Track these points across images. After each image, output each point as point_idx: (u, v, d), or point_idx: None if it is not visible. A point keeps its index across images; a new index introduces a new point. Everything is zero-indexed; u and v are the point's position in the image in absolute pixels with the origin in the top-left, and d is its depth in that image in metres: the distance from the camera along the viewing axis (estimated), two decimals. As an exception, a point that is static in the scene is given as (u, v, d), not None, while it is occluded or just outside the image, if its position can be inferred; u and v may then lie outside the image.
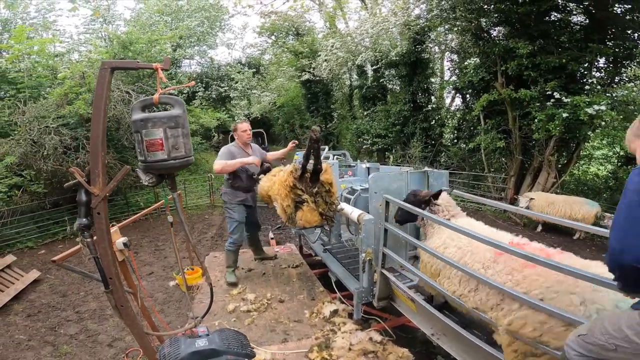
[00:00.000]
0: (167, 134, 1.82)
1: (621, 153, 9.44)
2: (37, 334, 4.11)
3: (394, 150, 13.83)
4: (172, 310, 4.41)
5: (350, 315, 3.33)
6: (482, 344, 2.11)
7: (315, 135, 2.46)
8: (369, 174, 4.86)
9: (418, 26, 11.17)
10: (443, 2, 9.65)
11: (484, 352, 2.09)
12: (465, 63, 10.08)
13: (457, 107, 13.68)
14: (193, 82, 2.49)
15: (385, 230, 2.76)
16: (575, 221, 2.85)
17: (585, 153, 9.77)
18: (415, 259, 3.55)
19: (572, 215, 6.84)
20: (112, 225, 2.19)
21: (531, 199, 7.44)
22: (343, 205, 3.23)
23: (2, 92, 8.46)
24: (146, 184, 2.01)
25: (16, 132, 7.42)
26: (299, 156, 5.47)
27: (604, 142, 9.78)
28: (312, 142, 2.50)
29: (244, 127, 4.17)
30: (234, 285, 4.10)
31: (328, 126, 18.06)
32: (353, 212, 3.03)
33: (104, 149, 1.87)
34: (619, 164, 9.56)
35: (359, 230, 2.88)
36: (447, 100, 14.96)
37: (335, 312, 3.35)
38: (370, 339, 2.89)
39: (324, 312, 3.37)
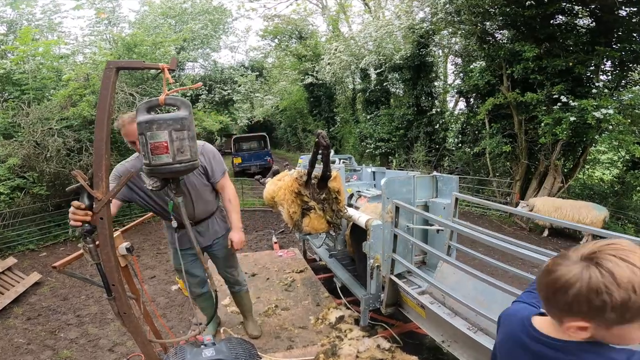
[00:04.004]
0: (173, 136, 1.75)
1: (627, 157, 9.35)
2: (37, 337, 4.06)
3: (397, 155, 13.77)
4: (175, 315, 4.36)
5: (356, 322, 3.26)
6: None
7: (325, 141, 2.36)
8: (374, 179, 4.81)
9: (422, 29, 11.14)
10: (447, 6, 9.61)
11: None
12: (471, 66, 10.02)
13: (460, 111, 13.63)
14: (200, 84, 2.43)
15: (395, 236, 2.69)
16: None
17: (590, 157, 9.69)
18: (422, 264, 3.49)
19: (580, 220, 6.75)
20: (115, 230, 2.13)
21: (526, 205, 7.42)
22: (350, 210, 3.16)
23: (7, 94, 8.47)
24: (150, 188, 1.96)
25: (19, 134, 7.42)
26: (303, 160, 5.41)
27: (609, 146, 9.70)
28: (323, 149, 2.40)
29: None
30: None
31: (331, 130, 18.03)
32: (360, 217, 2.97)
33: (107, 152, 1.81)
34: (625, 168, 9.47)
35: (367, 236, 2.81)
36: (450, 105, 14.91)
37: (341, 319, 3.27)
38: (378, 346, 2.82)
39: (330, 319, 3.29)
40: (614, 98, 7.42)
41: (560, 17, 8.21)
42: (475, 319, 2.55)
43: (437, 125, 12.31)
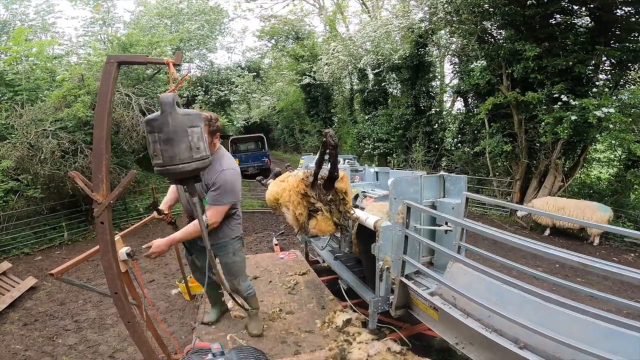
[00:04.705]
0: (148, 139, 1.66)
1: (623, 156, 9.35)
2: (35, 344, 3.95)
3: (395, 155, 13.72)
4: (175, 320, 4.25)
5: (363, 324, 3.18)
6: (520, 351, 1.96)
7: (333, 141, 2.28)
8: (377, 179, 4.74)
9: (421, 29, 11.10)
10: (446, 5, 9.58)
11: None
12: (472, 66, 10.00)
13: (458, 111, 13.62)
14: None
15: (406, 237, 2.62)
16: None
17: (588, 156, 9.68)
18: (430, 264, 3.42)
19: (585, 221, 6.72)
20: (114, 234, 2.04)
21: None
22: (357, 212, 3.08)
23: (0, 95, 8.32)
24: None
25: (13, 136, 7.28)
26: (305, 160, 5.33)
27: (608, 144, 9.69)
28: (331, 148, 2.32)
29: None
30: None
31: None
32: (368, 218, 2.89)
33: (108, 151, 1.73)
34: (621, 166, 9.47)
35: (376, 237, 2.74)
36: (447, 104, 14.91)
37: (348, 322, 3.19)
38: (389, 349, 2.74)
39: (336, 322, 3.20)
40: (615, 97, 7.42)
41: (560, 16, 8.19)
42: (488, 320, 2.48)
43: (436, 125, 12.28)
